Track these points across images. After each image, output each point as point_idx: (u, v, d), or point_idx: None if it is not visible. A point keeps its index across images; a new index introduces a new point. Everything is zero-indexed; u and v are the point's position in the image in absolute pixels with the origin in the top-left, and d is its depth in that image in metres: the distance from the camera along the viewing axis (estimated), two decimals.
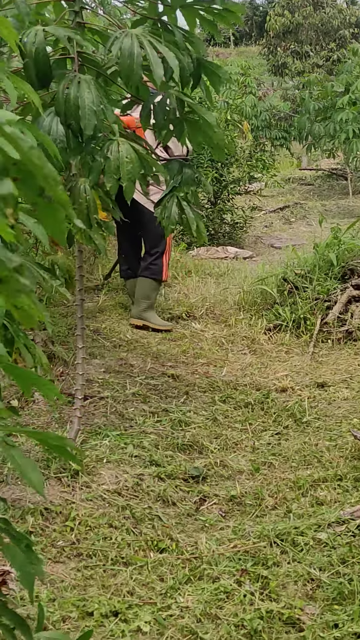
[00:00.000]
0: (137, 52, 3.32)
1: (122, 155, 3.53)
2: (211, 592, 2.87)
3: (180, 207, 4.08)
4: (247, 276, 7.86)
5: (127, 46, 3.33)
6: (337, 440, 4.30)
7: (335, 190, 17.21)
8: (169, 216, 4.06)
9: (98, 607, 2.71)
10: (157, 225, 6.28)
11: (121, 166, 3.52)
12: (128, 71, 3.33)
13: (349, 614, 2.72)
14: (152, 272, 6.57)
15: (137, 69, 3.32)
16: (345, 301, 6.50)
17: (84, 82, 3.29)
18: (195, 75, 3.70)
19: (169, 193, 4.13)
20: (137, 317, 6.50)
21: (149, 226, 6.42)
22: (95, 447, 3.92)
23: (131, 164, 3.55)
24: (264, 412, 4.86)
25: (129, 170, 3.54)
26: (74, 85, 3.28)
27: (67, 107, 3.30)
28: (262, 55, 35.73)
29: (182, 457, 4.10)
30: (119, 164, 3.52)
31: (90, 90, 3.28)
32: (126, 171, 3.53)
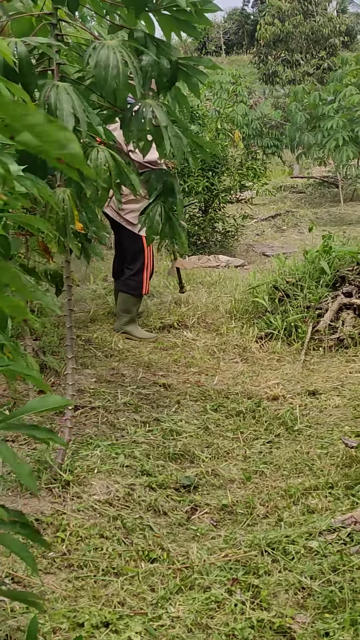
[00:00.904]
0: (112, 63, 3.33)
1: (100, 162, 3.54)
2: (202, 601, 2.87)
3: (163, 216, 4.08)
4: (238, 284, 7.87)
5: (103, 58, 3.34)
6: (329, 448, 4.30)
7: (326, 197, 17.25)
8: (151, 225, 4.06)
9: (89, 618, 2.71)
10: (135, 242, 6.30)
11: (98, 173, 3.53)
12: (103, 83, 3.34)
13: (340, 623, 2.71)
14: (130, 288, 6.57)
15: (111, 80, 3.34)
16: (337, 309, 6.50)
17: (62, 89, 3.30)
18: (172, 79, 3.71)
19: (153, 202, 4.13)
20: (119, 331, 6.51)
21: (126, 243, 6.49)
22: (86, 457, 3.92)
23: (108, 171, 3.56)
24: (255, 420, 4.86)
25: (106, 179, 3.55)
26: (53, 92, 3.28)
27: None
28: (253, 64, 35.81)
29: (173, 466, 4.10)
30: (97, 171, 3.53)
31: (70, 96, 3.28)
32: (103, 179, 3.54)
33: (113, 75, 3.35)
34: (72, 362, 4.00)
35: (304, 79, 29.20)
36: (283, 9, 32.41)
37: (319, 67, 31.11)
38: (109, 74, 3.34)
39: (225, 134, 11.45)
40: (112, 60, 3.36)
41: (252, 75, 34.98)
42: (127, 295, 6.58)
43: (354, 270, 7.06)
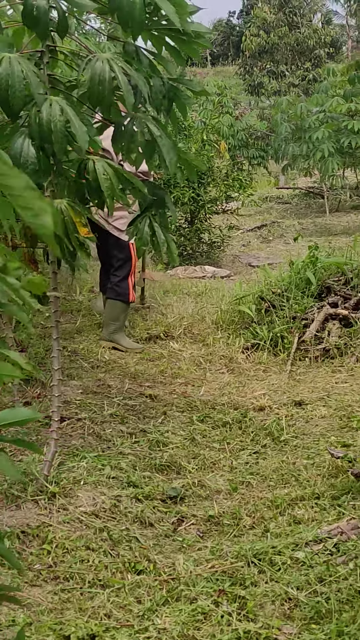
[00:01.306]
0: (107, 77, 3.34)
1: (99, 172, 3.56)
2: (189, 613, 2.86)
3: (152, 228, 4.10)
4: (224, 295, 7.88)
5: (97, 71, 3.35)
6: (315, 459, 4.31)
7: (312, 208, 17.29)
8: (140, 237, 4.07)
9: (75, 631, 2.70)
10: (122, 250, 6.32)
11: (101, 183, 3.55)
12: (98, 95, 3.35)
13: (327, 633, 2.71)
14: (117, 294, 6.58)
15: (108, 94, 3.34)
16: (322, 319, 6.52)
17: (56, 104, 3.31)
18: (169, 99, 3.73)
19: (141, 214, 4.14)
20: (107, 340, 6.51)
21: (113, 251, 6.50)
22: (72, 469, 3.91)
23: (109, 180, 3.58)
24: (241, 431, 4.87)
25: (108, 187, 3.56)
26: (46, 108, 3.29)
27: (40, 130, 3.31)
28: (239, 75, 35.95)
29: (159, 477, 4.10)
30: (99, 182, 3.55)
31: (64, 111, 3.30)
32: (106, 187, 3.55)
33: (110, 89, 3.36)
34: (59, 374, 3.99)
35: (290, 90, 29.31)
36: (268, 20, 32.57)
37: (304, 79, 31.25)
38: (105, 87, 3.35)
39: (211, 145, 11.46)
40: (107, 74, 3.37)
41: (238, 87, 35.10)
42: (115, 302, 6.59)
43: (339, 280, 7.09)
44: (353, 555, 3.18)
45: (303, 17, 34.06)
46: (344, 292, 6.87)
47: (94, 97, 3.38)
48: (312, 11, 37.58)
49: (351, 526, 3.44)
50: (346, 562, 3.15)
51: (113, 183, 3.63)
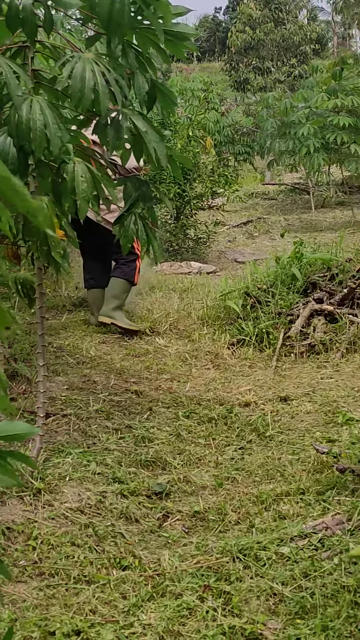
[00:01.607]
0: (88, 76, 3.34)
1: (77, 174, 3.55)
2: (174, 608, 2.86)
3: (138, 224, 4.09)
4: (210, 291, 7.89)
5: (78, 71, 3.34)
6: (300, 454, 4.31)
7: (298, 204, 17.32)
8: (126, 234, 4.07)
9: (60, 627, 2.70)
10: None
11: (76, 186, 3.54)
12: (79, 95, 3.34)
13: (311, 628, 2.72)
14: (124, 274, 6.81)
15: (88, 93, 3.33)
16: (308, 315, 6.53)
17: (37, 104, 3.30)
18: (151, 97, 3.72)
19: (127, 210, 4.14)
20: (106, 315, 6.65)
21: (114, 247, 6.46)
22: (57, 465, 3.90)
23: (86, 183, 3.57)
24: (227, 427, 4.87)
25: (84, 190, 3.56)
26: (26, 107, 3.28)
27: (19, 130, 3.31)
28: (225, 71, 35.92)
29: (145, 473, 4.09)
30: (75, 184, 3.54)
31: (43, 112, 3.29)
32: (81, 190, 3.55)
33: (90, 87, 3.35)
34: (44, 370, 3.99)
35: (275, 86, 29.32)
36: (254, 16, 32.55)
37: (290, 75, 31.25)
38: (85, 86, 3.34)
39: (197, 141, 11.47)
40: (88, 73, 3.36)
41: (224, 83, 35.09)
42: (120, 281, 6.81)
43: (325, 276, 7.10)
44: (338, 550, 3.19)
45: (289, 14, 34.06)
46: (329, 288, 6.88)
47: (75, 97, 3.37)
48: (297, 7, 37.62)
49: (336, 521, 3.45)
50: (331, 557, 3.16)
51: (89, 187, 3.62)
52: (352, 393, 5.23)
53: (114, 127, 3.68)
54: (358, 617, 2.72)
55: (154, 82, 3.73)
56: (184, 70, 39.36)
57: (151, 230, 4.19)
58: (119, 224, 4.17)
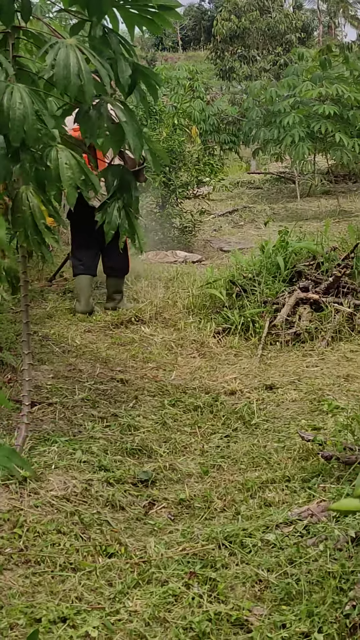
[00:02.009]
0: (72, 62, 3.32)
1: (61, 162, 3.53)
2: (160, 595, 2.87)
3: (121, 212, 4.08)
4: (196, 280, 7.88)
5: (62, 57, 3.32)
6: (285, 442, 4.33)
7: (283, 193, 17.33)
8: (109, 221, 4.06)
9: (46, 614, 2.70)
10: None
11: (61, 173, 3.52)
12: (64, 82, 3.32)
13: (297, 614, 2.73)
14: (120, 271, 7.26)
15: (74, 79, 3.32)
16: (293, 303, 6.55)
17: (17, 92, 3.28)
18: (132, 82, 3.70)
19: (110, 198, 4.13)
20: (113, 309, 7.12)
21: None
22: (43, 453, 3.90)
23: (71, 170, 3.55)
24: (213, 415, 4.88)
25: (69, 177, 3.54)
26: (7, 95, 3.26)
27: (1, 117, 3.29)
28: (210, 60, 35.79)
29: (131, 461, 4.10)
30: (59, 171, 3.52)
31: (23, 100, 3.27)
32: (67, 177, 3.53)
33: (75, 73, 3.33)
34: (29, 358, 3.98)
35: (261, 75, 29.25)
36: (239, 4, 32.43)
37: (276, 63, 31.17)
38: (70, 72, 3.32)
39: (182, 130, 11.44)
40: (72, 59, 3.34)
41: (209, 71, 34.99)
42: (118, 279, 7.26)
43: (310, 265, 7.12)
44: (323, 537, 3.21)
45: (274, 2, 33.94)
46: (314, 277, 6.90)
47: (60, 84, 3.35)
48: None
49: (321, 508, 3.46)
50: (316, 544, 3.17)
51: (75, 173, 3.60)
52: (338, 381, 5.26)
53: (95, 115, 3.67)
54: (343, 603, 2.74)
55: (137, 65, 3.71)
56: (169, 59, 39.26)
57: (135, 218, 4.18)
58: (101, 211, 4.15)
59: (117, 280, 7.25)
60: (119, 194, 4.10)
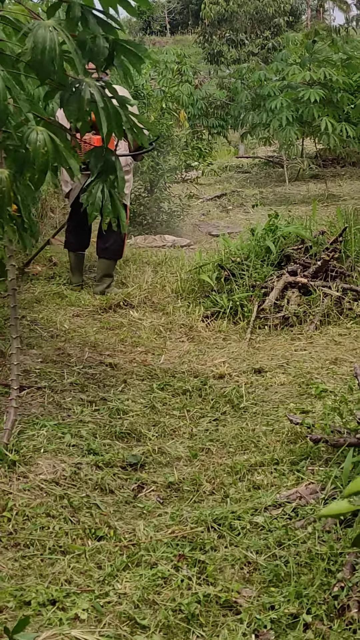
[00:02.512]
0: (49, 45, 3.29)
1: (39, 145, 3.51)
2: (149, 578, 2.88)
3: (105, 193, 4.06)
4: (184, 264, 7.89)
5: (40, 39, 3.29)
6: (274, 425, 4.34)
7: (272, 177, 17.30)
8: (93, 202, 4.04)
9: (35, 596, 2.71)
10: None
11: (35, 156, 3.50)
12: (41, 65, 3.30)
13: (285, 596, 2.75)
14: (114, 253, 7.30)
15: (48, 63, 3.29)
16: (282, 287, 6.55)
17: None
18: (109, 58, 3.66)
19: (94, 180, 4.12)
20: (101, 293, 7.10)
21: None
22: (32, 437, 3.90)
23: (46, 155, 3.53)
24: (201, 398, 4.88)
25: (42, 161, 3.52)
26: None
27: None
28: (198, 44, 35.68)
29: (120, 445, 4.10)
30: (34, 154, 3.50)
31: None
32: (39, 163, 3.51)
33: (51, 57, 3.30)
34: (17, 342, 3.98)
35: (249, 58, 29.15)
36: None
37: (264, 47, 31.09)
38: (46, 56, 3.30)
39: (170, 114, 11.41)
40: (49, 42, 3.31)
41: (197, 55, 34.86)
42: (110, 262, 7.29)
43: (299, 249, 7.12)
44: (311, 519, 3.22)
45: None
46: (303, 261, 6.90)
47: (36, 66, 3.32)
48: None
49: (310, 491, 3.48)
50: (305, 526, 3.19)
51: (49, 157, 3.58)
52: (326, 365, 5.27)
53: (75, 98, 3.64)
54: (331, 584, 2.76)
55: (116, 42, 3.67)
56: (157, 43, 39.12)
57: (119, 200, 4.17)
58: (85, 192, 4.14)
59: (108, 262, 7.29)
60: (105, 175, 4.08)
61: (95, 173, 4.12)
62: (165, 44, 40.14)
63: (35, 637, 2.47)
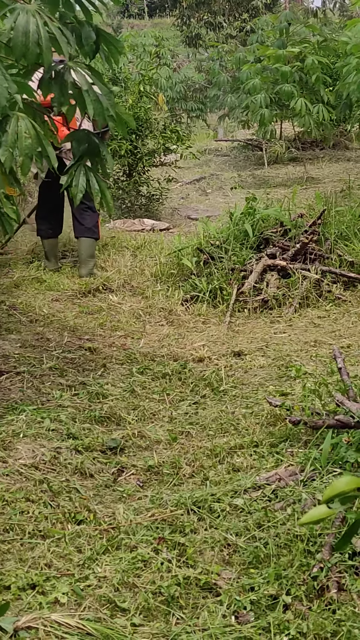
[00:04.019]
0: (32, 29, 3.27)
1: (21, 130, 3.48)
2: (129, 561, 2.89)
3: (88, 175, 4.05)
4: (163, 248, 7.87)
5: (21, 23, 3.27)
6: (254, 408, 4.35)
7: (251, 160, 17.26)
8: (76, 184, 4.02)
9: (15, 581, 2.70)
10: None
11: (19, 141, 3.48)
12: (23, 49, 3.27)
13: (265, 577, 2.76)
14: (92, 232, 7.30)
15: (33, 47, 3.27)
16: (261, 270, 6.56)
17: None
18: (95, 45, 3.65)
19: (76, 162, 4.09)
20: (87, 275, 7.13)
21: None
22: (11, 422, 3.89)
23: (30, 139, 3.51)
24: (181, 382, 4.88)
25: (27, 146, 3.50)
26: None
27: None
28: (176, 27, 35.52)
29: (99, 429, 4.10)
30: (17, 138, 3.47)
31: None
32: (24, 146, 3.48)
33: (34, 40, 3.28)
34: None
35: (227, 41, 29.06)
36: None
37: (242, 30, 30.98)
38: (29, 39, 3.27)
39: (149, 97, 11.34)
40: (31, 25, 3.29)
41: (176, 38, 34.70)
42: (90, 241, 7.30)
43: (278, 232, 7.12)
44: (291, 500, 3.23)
45: None
46: (282, 244, 6.91)
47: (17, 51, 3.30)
48: None
49: (289, 473, 3.49)
50: (284, 508, 3.20)
51: (33, 143, 3.56)
52: (305, 347, 5.28)
53: (58, 82, 3.62)
54: (311, 566, 2.77)
55: (98, 30, 3.66)
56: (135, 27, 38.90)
57: (103, 182, 4.15)
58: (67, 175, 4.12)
59: (89, 242, 7.29)
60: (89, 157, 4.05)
61: (77, 156, 4.10)
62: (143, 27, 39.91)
63: (15, 621, 2.47)
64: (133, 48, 18.83)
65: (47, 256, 7.51)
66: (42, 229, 7.49)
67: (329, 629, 2.49)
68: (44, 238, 7.49)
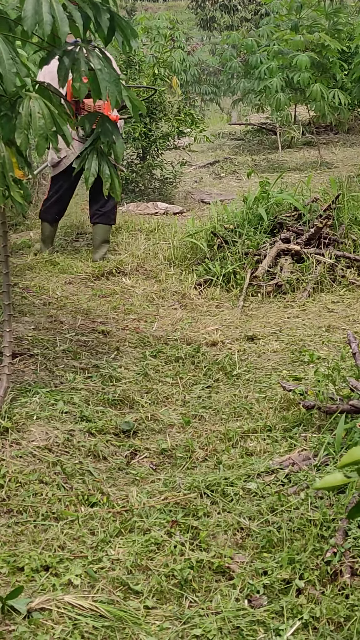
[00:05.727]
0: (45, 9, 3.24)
1: (34, 110, 3.46)
2: (142, 544, 2.89)
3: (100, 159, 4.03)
4: (177, 231, 7.85)
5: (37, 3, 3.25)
6: (267, 392, 4.34)
7: (264, 144, 17.19)
8: (89, 168, 4.00)
9: (29, 562, 2.72)
10: None
11: (32, 122, 3.45)
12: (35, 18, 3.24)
13: (278, 561, 2.76)
14: (111, 219, 7.31)
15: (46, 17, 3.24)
16: (275, 255, 6.54)
17: None
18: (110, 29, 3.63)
19: (90, 145, 4.08)
20: (102, 259, 7.12)
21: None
22: (25, 404, 3.90)
23: (43, 119, 3.49)
24: (194, 366, 4.88)
25: (41, 126, 3.47)
26: None
27: None
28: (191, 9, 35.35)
29: (112, 412, 4.10)
30: (30, 119, 3.45)
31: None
32: (38, 127, 3.46)
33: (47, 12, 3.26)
34: (9, 309, 3.96)
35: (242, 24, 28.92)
36: None
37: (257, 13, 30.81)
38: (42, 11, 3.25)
39: (163, 80, 11.30)
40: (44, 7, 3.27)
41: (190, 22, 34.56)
42: (106, 227, 7.28)
43: (292, 216, 7.09)
44: (304, 485, 3.23)
45: None
46: (296, 228, 6.88)
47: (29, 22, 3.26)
48: None
49: (302, 457, 3.48)
50: (297, 492, 3.20)
51: (47, 123, 3.53)
52: (319, 332, 5.27)
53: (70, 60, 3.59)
54: (324, 550, 2.77)
55: (113, 15, 3.64)
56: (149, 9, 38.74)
57: (113, 166, 4.13)
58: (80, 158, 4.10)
59: (106, 227, 7.27)
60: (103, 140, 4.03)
61: (90, 139, 4.08)
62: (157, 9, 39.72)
63: (29, 602, 2.48)
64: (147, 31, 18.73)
65: (44, 240, 7.46)
66: (50, 213, 7.40)
67: (342, 613, 2.49)
68: (48, 222, 7.42)
